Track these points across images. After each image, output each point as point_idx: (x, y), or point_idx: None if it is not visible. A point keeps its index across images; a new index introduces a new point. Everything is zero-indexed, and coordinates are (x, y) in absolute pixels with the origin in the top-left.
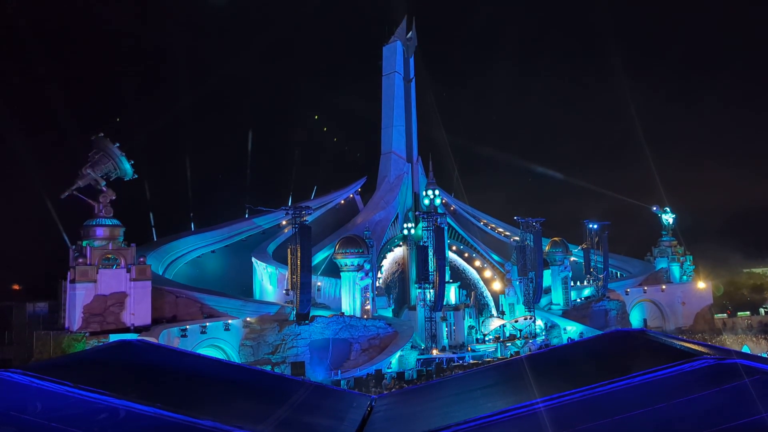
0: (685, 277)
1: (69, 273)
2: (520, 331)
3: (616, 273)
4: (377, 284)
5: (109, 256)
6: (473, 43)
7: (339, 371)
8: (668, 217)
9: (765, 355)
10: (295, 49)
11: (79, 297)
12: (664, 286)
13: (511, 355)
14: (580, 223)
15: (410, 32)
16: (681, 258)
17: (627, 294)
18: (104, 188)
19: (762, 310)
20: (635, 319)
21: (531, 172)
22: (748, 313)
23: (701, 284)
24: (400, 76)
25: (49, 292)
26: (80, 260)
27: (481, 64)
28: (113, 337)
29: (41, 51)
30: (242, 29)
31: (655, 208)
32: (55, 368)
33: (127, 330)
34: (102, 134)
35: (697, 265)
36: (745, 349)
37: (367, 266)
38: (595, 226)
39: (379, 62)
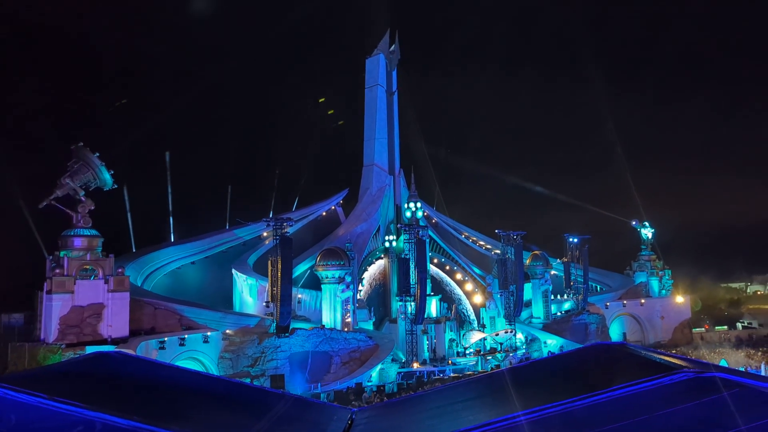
0: (663, 292)
1: (45, 284)
2: (501, 344)
3: (596, 287)
4: (358, 297)
5: (87, 266)
6: (456, 58)
7: (319, 384)
8: (647, 232)
9: (743, 369)
10: (278, 61)
11: (56, 308)
12: (643, 300)
13: (492, 369)
14: (560, 237)
15: (393, 45)
16: (660, 272)
17: (607, 308)
18: (83, 198)
19: (739, 325)
20: (615, 333)
21: (513, 186)
22: (725, 327)
23: (680, 298)
24: (383, 88)
25: (25, 302)
26: (57, 271)
27: (464, 78)
28: (90, 349)
29: (20, 56)
30: (224, 41)
31: (634, 223)
32: (29, 380)
33: (104, 342)
34: (82, 143)
35: (675, 280)
36: (723, 363)
37: (348, 278)
38: (576, 240)
39: (362, 75)
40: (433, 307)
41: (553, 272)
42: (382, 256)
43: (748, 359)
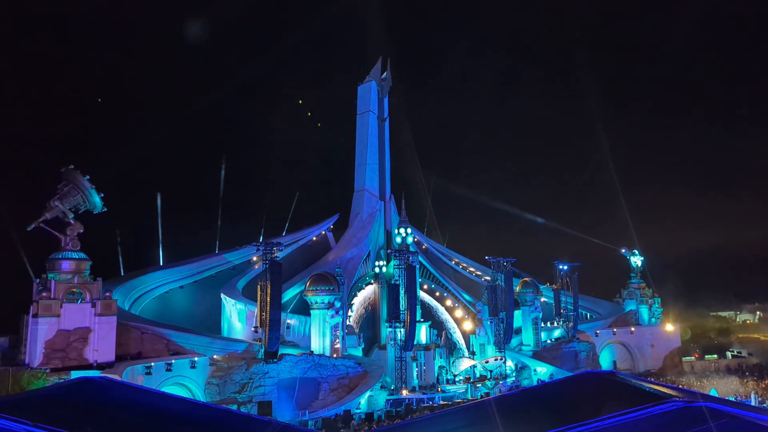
0: (653, 320)
1: (32, 307)
2: (491, 371)
3: (586, 314)
4: (348, 322)
5: (74, 290)
6: (447, 84)
7: (307, 411)
8: (637, 260)
9: (733, 399)
10: (270, 85)
11: (42, 332)
12: (633, 328)
13: (482, 396)
14: (550, 264)
15: (385, 72)
16: (650, 300)
17: (597, 335)
18: (72, 221)
19: (729, 354)
20: (605, 361)
21: (503, 213)
22: (715, 356)
23: (669, 327)
24: (374, 115)
25: (10, 326)
26: (44, 294)
27: (455, 105)
28: (75, 374)
29: (9, 77)
30: (216, 65)
31: (624, 251)
32: (13, 405)
33: (89, 367)
34: (72, 166)
35: (665, 308)
36: (713, 393)
37: (337, 304)
38: (566, 267)
39: (354, 101)
40: (422, 333)
41: (543, 299)
42: (372, 281)
43: (738, 388)
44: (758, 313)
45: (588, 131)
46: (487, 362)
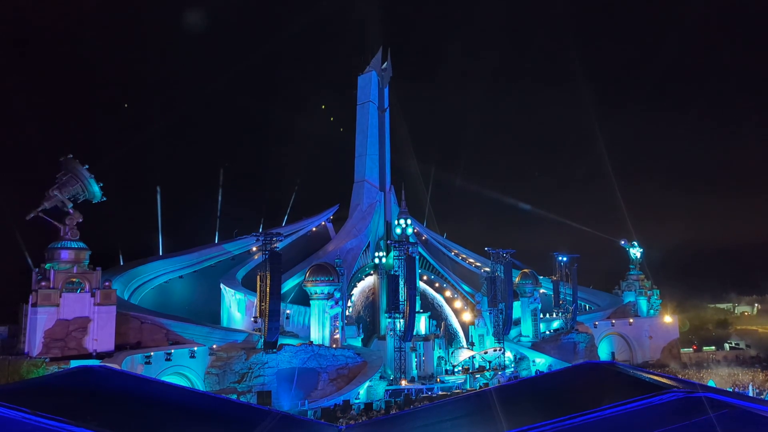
0: (652, 311)
1: (31, 296)
2: (490, 362)
3: (585, 306)
4: (347, 313)
5: (74, 279)
6: (447, 75)
7: (306, 401)
8: (636, 251)
9: (730, 390)
10: (270, 75)
11: (41, 321)
12: (631, 320)
13: (480, 387)
14: (550, 255)
15: (385, 63)
16: (648, 292)
17: (595, 327)
18: (71, 210)
19: (727, 345)
20: (603, 352)
21: (503, 204)
22: (713, 348)
23: (668, 318)
24: (375, 105)
25: (9, 315)
26: (43, 283)
27: (455, 96)
28: (74, 363)
29: (8, 67)
30: (216, 56)
31: (623, 242)
32: (12, 394)
33: (89, 356)
34: (71, 155)
35: (663, 300)
36: (711, 384)
37: (337, 294)
38: (565, 259)
39: (354, 91)
40: (422, 324)
41: (542, 291)
42: (372, 272)
43: (736, 379)
44: (756, 305)
45: (590, 121)
46: (486, 353)
